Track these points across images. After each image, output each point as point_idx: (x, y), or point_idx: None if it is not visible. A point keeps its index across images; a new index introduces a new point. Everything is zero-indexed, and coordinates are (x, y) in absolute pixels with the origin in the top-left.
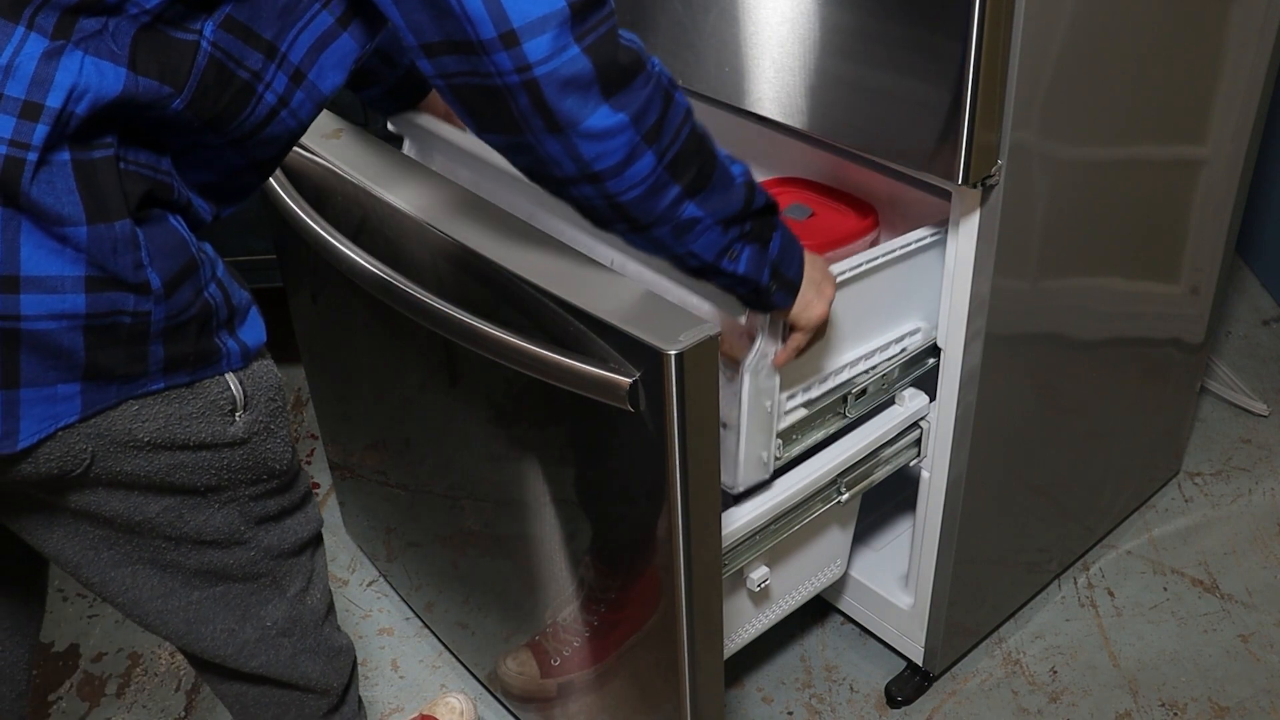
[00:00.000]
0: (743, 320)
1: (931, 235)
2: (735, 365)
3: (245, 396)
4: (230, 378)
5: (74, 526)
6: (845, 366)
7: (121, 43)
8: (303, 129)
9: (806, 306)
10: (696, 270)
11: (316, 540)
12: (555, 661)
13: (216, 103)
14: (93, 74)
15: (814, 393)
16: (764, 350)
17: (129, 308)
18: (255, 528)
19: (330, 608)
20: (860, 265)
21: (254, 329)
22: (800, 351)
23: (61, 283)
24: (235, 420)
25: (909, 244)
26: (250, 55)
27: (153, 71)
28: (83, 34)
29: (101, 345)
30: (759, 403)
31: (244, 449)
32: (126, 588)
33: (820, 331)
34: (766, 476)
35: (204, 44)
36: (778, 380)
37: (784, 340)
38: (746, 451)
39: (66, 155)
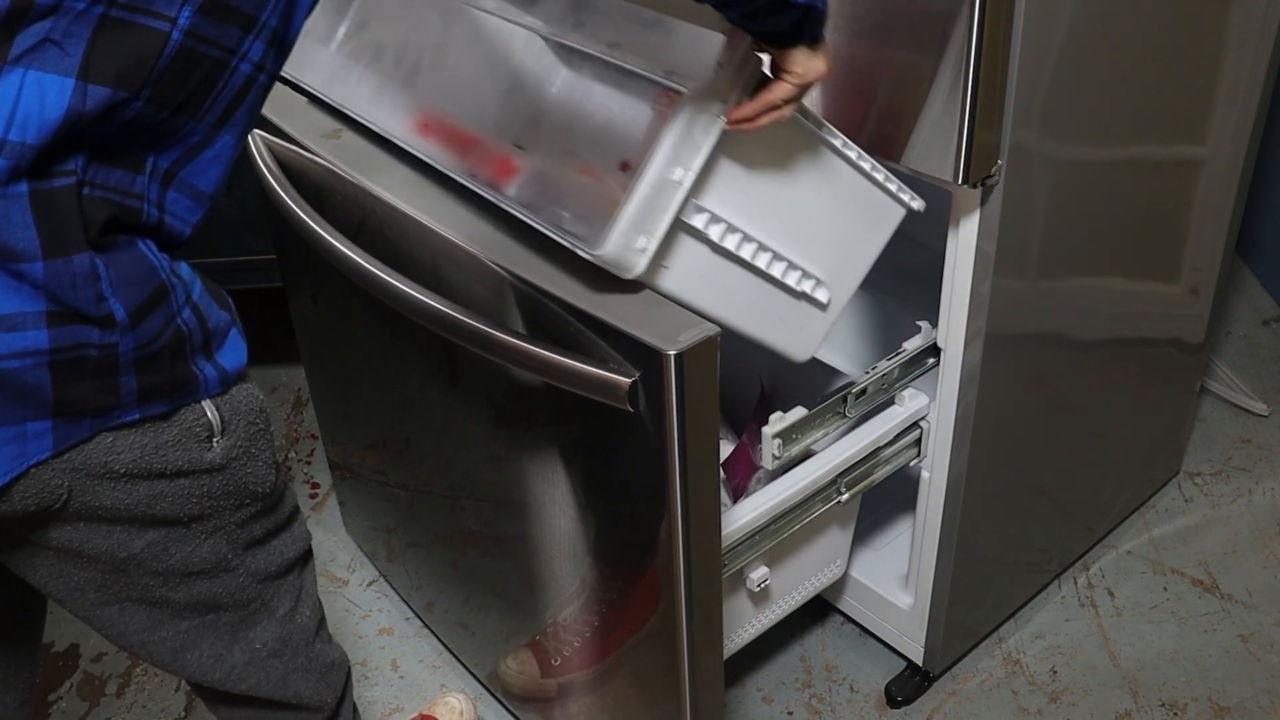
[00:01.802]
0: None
1: (902, 193)
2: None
3: (223, 422)
4: (207, 404)
5: (58, 566)
6: (757, 247)
7: (74, 47)
8: (274, 80)
9: (814, 54)
10: (769, 6)
11: (304, 558)
12: (555, 661)
13: (182, 88)
14: (33, 95)
15: (717, 232)
16: (721, 88)
17: (94, 341)
18: (243, 553)
19: (321, 623)
20: (845, 141)
21: (233, 352)
22: (775, 109)
23: (22, 320)
24: (213, 446)
25: (886, 177)
26: (227, 34)
27: (107, 76)
28: (21, 49)
29: (69, 380)
30: (677, 155)
31: (223, 475)
32: (113, 622)
33: (803, 92)
34: (635, 270)
35: (175, 34)
36: (711, 143)
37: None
38: (632, 212)
39: (24, 187)
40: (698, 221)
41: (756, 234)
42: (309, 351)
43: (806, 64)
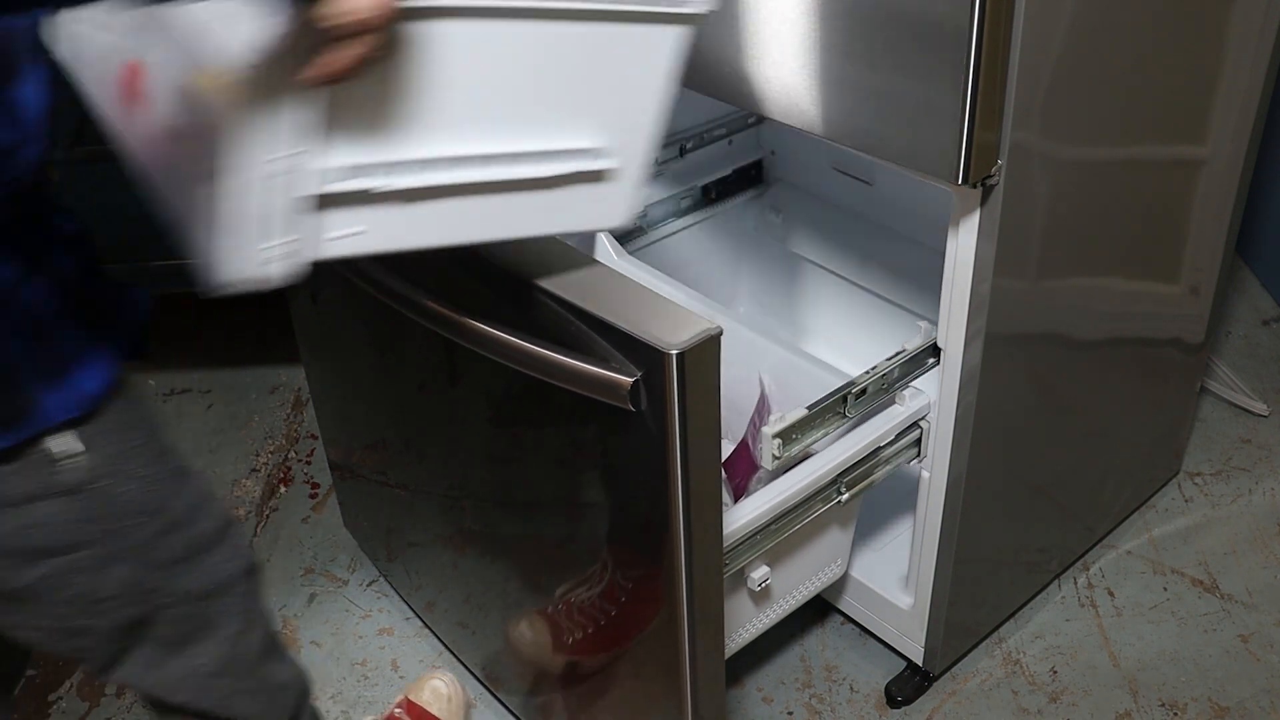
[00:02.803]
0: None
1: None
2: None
3: (84, 444)
4: (50, 434)
5: None
6: (479, 162)
7: None
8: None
9: None
10: None
11: (246, 575)
12: (569, 641)
13: None
14: None
15: (406, 180)
16: (273, 62)
17: None
18: (162, 573)
19: (273, 644)
20: None
21: (91, 375)
22: (345, 72)
23: None
24: (58, 470)
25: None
26: None
27: None
28: None
29: None
30: (266, 147)
31: (86, 496)
32: (37, 642)
33: (365, 29)
34: (281, 274)
35: None
36: (299, 118)
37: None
38: (241, 231)
39: None
40: (363, 184)
41: (467, 150)
42: (309, 351)
43: (340, 3)
